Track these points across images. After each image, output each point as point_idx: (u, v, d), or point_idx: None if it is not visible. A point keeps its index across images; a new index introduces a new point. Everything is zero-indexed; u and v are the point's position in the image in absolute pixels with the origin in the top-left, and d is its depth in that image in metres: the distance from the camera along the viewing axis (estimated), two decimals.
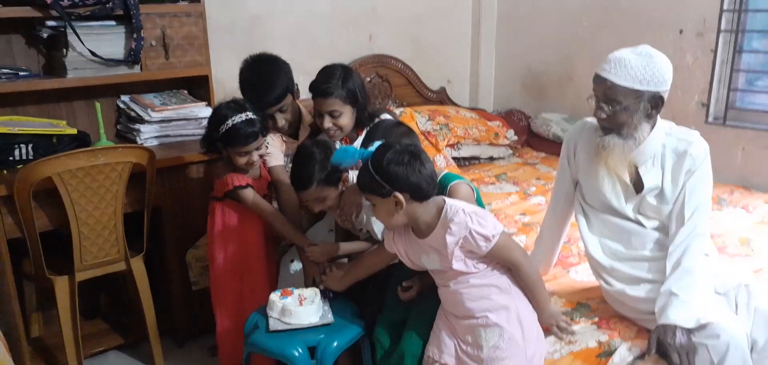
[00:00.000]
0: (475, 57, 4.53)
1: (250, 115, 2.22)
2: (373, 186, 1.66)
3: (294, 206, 2.36)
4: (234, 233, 2.32)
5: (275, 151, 2.47)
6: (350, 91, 2.21)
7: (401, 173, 1.63)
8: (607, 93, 1.79)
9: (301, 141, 2.49)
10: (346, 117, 2.23)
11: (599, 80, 1.81)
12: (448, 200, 1.72)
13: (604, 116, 1.82)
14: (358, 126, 2.30)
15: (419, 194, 1.66)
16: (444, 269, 1.75)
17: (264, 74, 2.41)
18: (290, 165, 2.49)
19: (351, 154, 1.73)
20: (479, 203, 1.96)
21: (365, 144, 1.90)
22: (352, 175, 2.01)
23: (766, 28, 3.16)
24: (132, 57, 2.69)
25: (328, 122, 2.22)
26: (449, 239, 1.67)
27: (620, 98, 1.77)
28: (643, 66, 1.75)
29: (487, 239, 1.66)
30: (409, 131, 1.98)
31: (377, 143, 1.71)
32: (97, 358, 2.77)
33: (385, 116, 2.32)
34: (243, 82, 2.44)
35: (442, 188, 1.87)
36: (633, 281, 1.88)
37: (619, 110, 1.78)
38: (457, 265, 1.71)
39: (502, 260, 1.74)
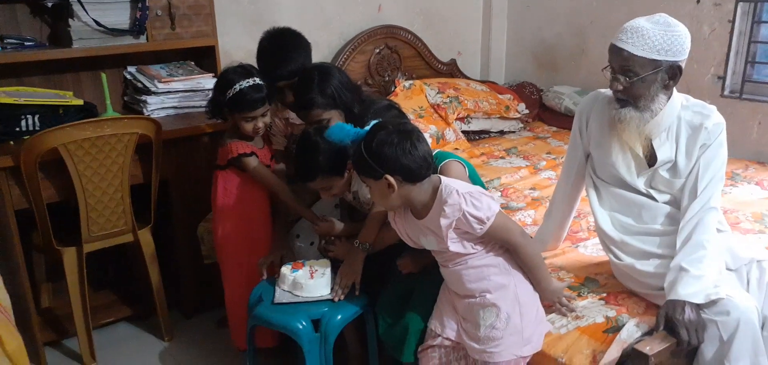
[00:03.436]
0: (486, 29, 4.46)
1: (258, 80, 2.20)
2: (366, 168, 1.62)
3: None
4: (237, 204, 2.31)
5: (278, 137, 2.45)
6: (330, 96, 2.10)
7: (391, 155, 1.58)
8: (623, 64, 1.75)
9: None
10: (335, 121, 2.12)
11: (615, 51, 1.76)
12: (443, 180, 1.67)
13: (620, 88, 1.78)
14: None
15: (411, 176, 1.61)
16: (442, 250, 1.72)
17: (284, 46, 2.37)
18: (292, 147, 2.48)
19: (346, 132, 1.68)
20: (475, 178, 1.92)
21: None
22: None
23: None
24: (137, 27, 2.67)
25: None
26: (443, 221, 1.63)
27: (638, 69, 1.73)
28: (660, 35, 1.70)
29: (481, 221, 1.62)
30: (400, 113, 1.93)
31: (373, 122, 1.66)
32: (106, 329, 2.79)
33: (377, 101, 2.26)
34: (261, 50, 2.41)
35: (434, 167, 1.82)
36: (643, 255, 1.86)
37: (637, 81, 1.74)
38: (454, 247, 1.67)
39: (500, 241, 1.70)
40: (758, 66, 3.20)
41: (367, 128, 1.65)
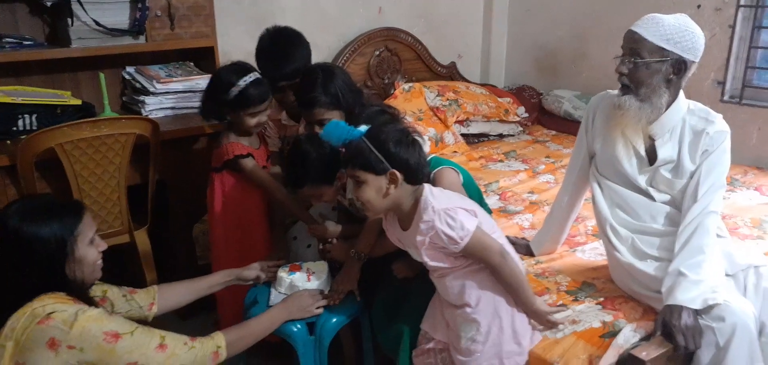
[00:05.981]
0: (486, 32, 4.45)
1: (257, 75, 2.20)
2: (370, 160, 1.58)
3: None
4: (233, 206, 2.30)
5: (272, 138, 2.45)
6: (333, 95, 2.10)
7: (402, 152, 1.57)
8: (633, 46, 1.78)
9: (300, 126, 2.46)
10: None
11: (629, 34, 1.80)
12: (426, 190, 1.63)
13: (625, 70, 1.80)
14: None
15: (413, 177, 1.60)
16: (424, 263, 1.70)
17: (284, 46, 2.37)
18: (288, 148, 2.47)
19: (341, 129, 1.65)
20: (470, 185, 1.90)
21: None
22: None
23: None
24: (136, 27, 2.67)
25: (318, 131, 2.16)
26: (418, 238, 1.61)
27: (645, 53, 1.76)
28: (675, 27, 1.74)
29: (454, 241, 1.58)
30: (393, 120, 1.91)
31: (376, 121, 1.66)
32: None
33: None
34: (260, 50, 2.41)
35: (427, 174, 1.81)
36: (642, 255, 1.86)
37: (641, 65, 1.76)
38: (432, 262, 1.66)
39: (478, 260, 1.66)
40: (758, 71, 3.20)
41: (362, 128, 1.62)
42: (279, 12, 3.40)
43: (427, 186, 1.65)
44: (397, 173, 1.58)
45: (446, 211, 1.59)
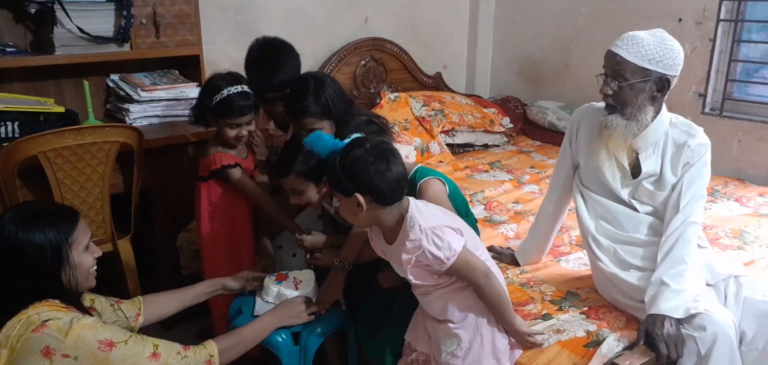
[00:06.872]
0: (472, 43, 4.49)
1: (245, 88, 2.19)
2: (337, 183, 1.57)
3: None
4: (221, 215, 2.29)
5: (260, 147, 2.45)
6: (324, 105, 2.08)
7: (363, 174, 1.52)
8: (616, 68, 1.79)
9: (288, 136, 2.46)
10: (326, 132, 2.11)
11: (610, 55, 1.82)
12: (412, 206, 1.61)
13: (610, 91, 1.82)
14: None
15: (382, 198, 1.55)
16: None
17: (274, 57, 2.36)
18: (275, 157, 2.46)
19: (324, 142, 1.65)
20: (456, 196, 1.91)
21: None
22: None
23: (765, 17, 3.13)
24: (121, 35, 2.65)
25: None
26: (404, 256, 1.59)
27: (628, 75, 1.78)
28: (655, 46, 1.76)
29: (440, 261, 1.57)
30: (379, 130, 1.89)
31: (354, 136, 1.63)
32: None
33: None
34: (250, 60, 2.39)
35: (414, 183, 1.81)
36: (625, 265, 1.88)
37: (625, 87, 1.78)
38: (415, 280, 1.65)
39: (462, 279, 1.65)
40: (738, 84, 3.25)
41: (346, 141, 1.61)
42: (265, 21, 3.40)
43: (412, 202, 1.63)
44: (360, 198, 1.54)
45: (433, 230, 1.57)
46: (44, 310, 1.43)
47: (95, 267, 1.62)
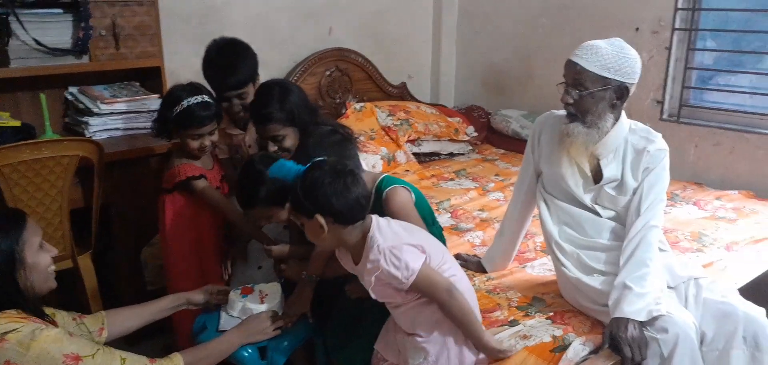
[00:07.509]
0: (436, 53, 4.52)
1: (206, 98, 2.16)
2: (299, 206, 1.58)
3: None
4: (186, 227, 2.25)
5: (219, 145, 2.43)
6: (288, 112, 2.09)
7: (322, 196, 1.53)
8: (576, 77, 1.82)
9: (246, 134, 2.44)
10: (290, 139, 2.13)
11: (570, 65, 1.84)
12: (374, 225, 1.61)
13: (570, 100, 1.84)
14: None
15: (341, 219, 1.56)
16: None
17: (230, 56, 2.36)
18: (237, 156, 2.44)
19: (287, 170, 1.64)
20: (422, 204, 1.91)
21: (297, 157, 1.77)
22: None
23: (719, 26, 3.23)
24: (79, 47, 2.59)
25: (272, 148, 2.13)
26: (366, 277, 1.61)
27: (588, 84, 1.80)
28: (613, 55, 1.79)
29: (399, 280, 1.57)
30: (343, 140, 1.89)
31: (316, 159, 1.62)
32: None
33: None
34: (207, 61, 2.39)
35: (379, 193, 1.81)
36: (588, 270, 1.91)
37: (586, 95, 1.81)
38: (381, 298, 1.66)
39: (425, 296, 1.65)
40: (694, 91, 3.35)
41: (302, 168, 1.61)
42: (228, 31, 3.30)
43: (375, 220, 1.63)
44: (321, 219, 1.55)
45: (392, 250, 1.57)
46: (2, 322, 1.37)
47: (53, 267, 1.57)
